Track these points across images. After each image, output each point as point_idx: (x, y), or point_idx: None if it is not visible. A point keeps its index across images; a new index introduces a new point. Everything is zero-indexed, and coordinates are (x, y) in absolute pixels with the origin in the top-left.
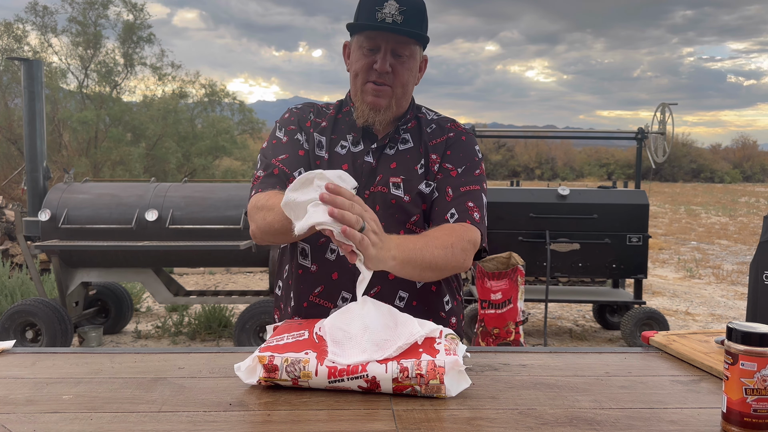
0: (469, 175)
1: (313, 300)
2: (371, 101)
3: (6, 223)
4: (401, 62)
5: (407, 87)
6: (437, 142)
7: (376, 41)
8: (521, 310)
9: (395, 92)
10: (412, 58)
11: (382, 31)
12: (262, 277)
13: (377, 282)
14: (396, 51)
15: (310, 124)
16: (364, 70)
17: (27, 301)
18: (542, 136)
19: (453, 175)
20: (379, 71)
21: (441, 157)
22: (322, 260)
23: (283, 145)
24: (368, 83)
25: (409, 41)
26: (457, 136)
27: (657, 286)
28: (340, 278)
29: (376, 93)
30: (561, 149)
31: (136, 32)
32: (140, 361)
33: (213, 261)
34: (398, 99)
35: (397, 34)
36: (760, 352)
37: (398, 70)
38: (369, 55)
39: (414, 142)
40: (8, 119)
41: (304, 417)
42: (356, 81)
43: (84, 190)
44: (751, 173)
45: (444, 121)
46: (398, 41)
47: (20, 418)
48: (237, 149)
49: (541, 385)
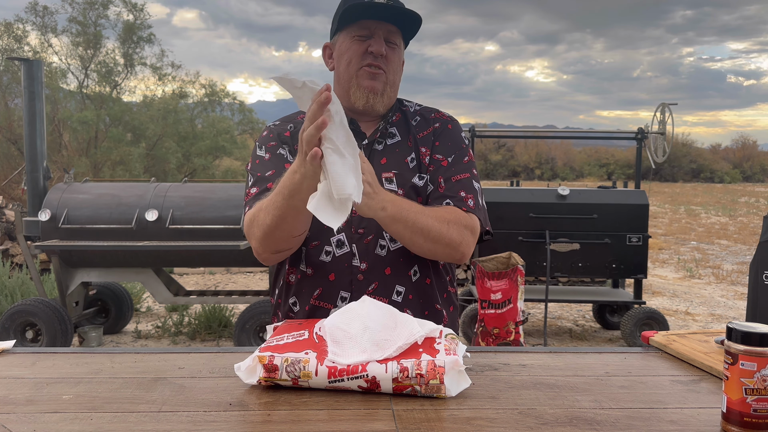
0: (458, 163)
1: (314, 303)
2: (368, 85)
3: (6, 223)
4: (392, 49)
5: (397, 75)
6: (425, 134)
7: (369, 29)
8: (521, 310)
9: (389, 78)
10: (400, 48)
11: (381, 16)
12: (262, 277)
13: (374, 278)
14: (388, 39)
15: (289, 134)
16: (358, 56)
17: (27, 301)
18: (542, 136)
19: (444, 165)
20: (376, 54)
21: (431, 149)
22: (317, 263)
23: (267, 162)
24: (363, 68)
25: (399, 32)
26: (443, 125)
27: (657, 286)
28: (337, 279)
29: (372, 76)
30: (561, 149)
31: (136, 32)
32: (140, 361)
33: (213, 261)
34: (391, 86)
35: (390, 24)
36: (760, 352)
37: (390, 57)
38: (362, 42)
39: (401, 135)
40: (8, 119)
41: (304, 417)
42: (349, 69)
43: (84, 190)
44: (751, 173)
45: (427, 111)
46: (390, 30)
47: (20, 418)
48: (237, 149)
49: (541, 385)
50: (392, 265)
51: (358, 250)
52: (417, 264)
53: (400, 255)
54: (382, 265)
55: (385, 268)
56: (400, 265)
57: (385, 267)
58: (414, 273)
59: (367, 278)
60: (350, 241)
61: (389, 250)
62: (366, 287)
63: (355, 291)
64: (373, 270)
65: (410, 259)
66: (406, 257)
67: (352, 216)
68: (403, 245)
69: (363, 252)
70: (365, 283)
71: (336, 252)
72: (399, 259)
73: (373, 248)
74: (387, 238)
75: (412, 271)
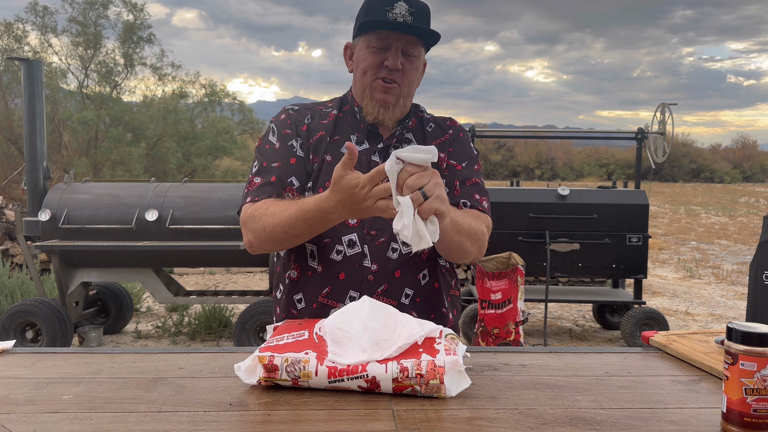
0: (470, 169)
1: (322, 301)
2: (380, 98)
3: (6, 223)
4: (410, 61)
5: (413, 87)
6: (441, 141)
7: (387, 40)
8: (521, 310)
9: (403, 91)
10: (418, 59)
11: (398, 30)
12: (262, 277)
13: (384, 280)
14: (406, 50)
15: (306, 128)
16: (374, 68)
17: (27, 301)
18: (542, 136)
19: (458, 169)
20: (391, 68)
21: (447, 155)
22: (327, 261)
23: (276, 152)
24: (377, 80)
25: (418, 42)
26: (455, 133)
27: (657, 286)
28: (347, 278)
29: (386, 90)
30: (561, 149)
31: (136, 32)
32: (140, 361)
33: (213, 261)
34: (405, 98)
35: (408, 34)
36: (760, 352)
37: (407, 69)
38: (379, 54)
39: (417, 140)
40: (8, 119)
41: (304, 417)
42: (364, 79)
43: (84, 190)
44: (751, 173)
45: (442, 120)
46: (408, 41)
47: (20, 418)
48: (237, 149)
49: (541, 385)
50: (402, 268)
51: (370, 251)
52: (427, 268)
53: (410, 258)
54: (393, 267)
55: (395, 271)
56: (410, 268)
57: (396, 269)
58: (423, 277)
59: (377, 280)
60: (362, 242)
61: (401, 253)
62: (375, 288)
63: (365, 291)
64: (383, 271)
65: (420, 263)
66: (416, 261)
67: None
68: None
69: (374, 253)
70: (375, 284)
71: (347, 251)
72: (409, 263)
73: (384, 250)
74: (399, 241)
75: (421, 274)
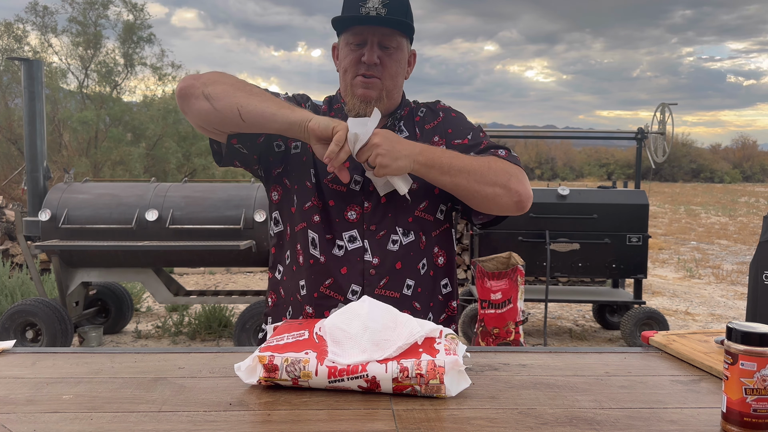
0: (476, 137)
1: (324, 291)
2: (361, 93)
3: (6, 223)
4: (388, 54)
5: (396, 79)
6: (435, 124)
7: (362, 35)
8: (521, 310)
9: (385, 84)
10: (399, 50)
11: (367, 24)
12: (262, 277)
13: (386, 273)
14: (383, 43)
15: (331, 109)
16: (353, 65)
17: (27, 301)
18: (542, 136)
19: (466, 143)
20: (367, 63)
21: (446, 138)
22: (329, 254)
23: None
24: (357, 77)
25: (395, 33)
26: (446, 114)
27: (657, 286)
28: (349, 272)
29: (366, 85)
30: (561, 149)
31: (136, 32)
32: (140, 361)
33: (213, 261)
34: (389, 91)
35: (382, 26)
36: (759, 352)
37: (386, 62)
38: (356, 50)
39: (408, 130)
40: (8, 119)
41: (304, 417)
42: (345, 77)
43: (84, 190)
44: (751, 173)
45: (432, 104)
46: (384, 33)
47: (20, 418)
48: None
49: (541, 385)
50: (403, 260)
51: (371, 246)
52: (425, 257)
53: (410, 249)
54: (394, 259)
55: (396, 263)
56: (411, 258)
57: (396, 261)
58: (422, 266)
59: (379, 273)
60: (363, 237)
61: (401, 245)
62: (378, 282)
63: (367, 285)
64: (384, 265)
65: (419, 253)
66: (416, 251)
67: (364, 212)
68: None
69: (375, 247)
70: (377, 277)
71: (348, 246)
72: (410, 253)
73: (385, 243)
74: (399, 232)
75: (420, 264)
